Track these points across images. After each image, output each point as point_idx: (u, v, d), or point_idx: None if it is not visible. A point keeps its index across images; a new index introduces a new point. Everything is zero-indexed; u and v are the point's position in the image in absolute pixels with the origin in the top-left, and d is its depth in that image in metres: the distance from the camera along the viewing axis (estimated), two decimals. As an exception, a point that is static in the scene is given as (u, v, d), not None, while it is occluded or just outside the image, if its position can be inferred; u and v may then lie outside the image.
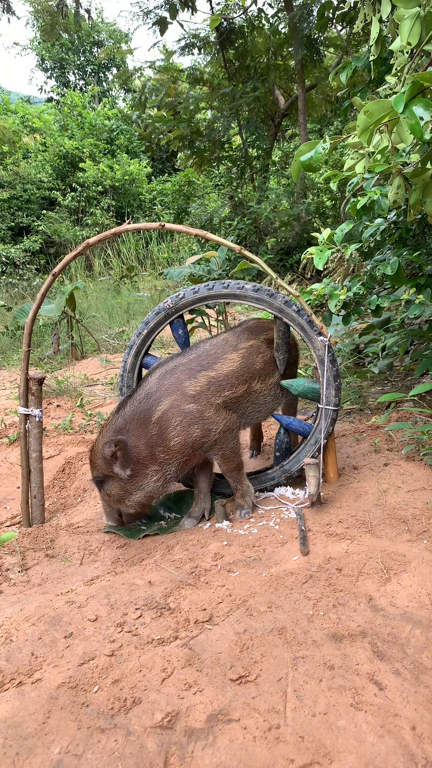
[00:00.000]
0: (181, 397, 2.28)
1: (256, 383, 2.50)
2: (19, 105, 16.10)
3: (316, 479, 2.33)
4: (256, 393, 2.52)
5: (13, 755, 1.27)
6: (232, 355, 2.46)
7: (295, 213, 9.03)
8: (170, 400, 2.28)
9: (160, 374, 2.37)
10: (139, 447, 2.26)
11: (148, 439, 2.25)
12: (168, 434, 2.25)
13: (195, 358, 2.42)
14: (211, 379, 2.35)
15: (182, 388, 2.30)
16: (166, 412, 2.26)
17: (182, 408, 2.27)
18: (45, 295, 2.55)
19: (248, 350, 2.52)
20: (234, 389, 2.40)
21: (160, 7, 9.11)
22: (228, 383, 2.39)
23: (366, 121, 1.87)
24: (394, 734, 1.24)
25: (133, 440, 2.26)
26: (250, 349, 2.52)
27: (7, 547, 2.35)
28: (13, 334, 7.22)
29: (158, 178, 17.02)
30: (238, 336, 2.56)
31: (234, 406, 2.43)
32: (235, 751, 1.23)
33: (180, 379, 2.32)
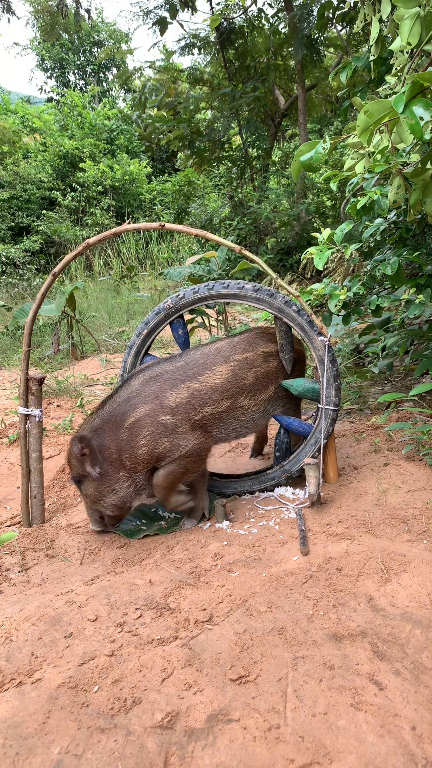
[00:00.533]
0: (159, 408, 2.23)
1: (243, 399, 2.41)
2: (19, 105, 16.09)
3: (316, 479, 2.33)
4: (243, 409, 2.43)
5: (13, 755, 1.27)
6: (221, 367, 2.37)
7: (295, 213, 9.03)
8: (147, 408, 2.23)
9: (143, 379, 2.31)
10: (110, 449, 2.23)
11: (119, 443, 2.23)
12: (136, 442, 2.21)
13: (181, 367, 2.34)
14: (193, 392, 2.28)
15: (162, 398, 2.24)
16: (140, 420, 2.22)
17: (157, 419, 2.22)
18: (45, 295, 2.55)
19: (240, 363, 2.42)
20: (217, 404, 2.32)
21: (160, 7, 9.11)
22: (211, 398, 2.31)
23: (366, 121, 1.87)
24: (394, 734, 1.24)
25: (105, 441, 2.23)
26: (242, 363, 2.42)
27: (7, 547, 2.35)
28: (13, 334, 7.22)
29: (158, 178, 17.02)
30: (234, 346, 2.47)
31: (215, 422, 2.35)
32: (235, 751, 1.23)
33: (162, 388, 2.27)
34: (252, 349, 2.50)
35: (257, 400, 2.48)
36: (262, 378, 2.48)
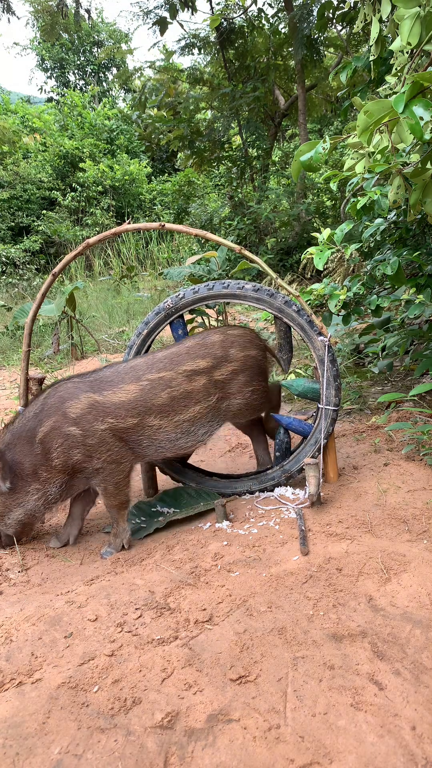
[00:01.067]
0: (62, 419, 2.21)
1: (153, 419, 2.30)
2: (19, 105, 16.09)
3: (316, 479, 2.33)
4: (154, 429, 2.31)
5: (13, 755, 1.27)
6: (129, 386, 2.29)
7: (295, 213, 9.03)
8: (52, 421, 2.21)
9: (48, 393, 2.30)
10: (24, 463, 2.23)
11: (33, 457, 2.23)
12: (50, 455, 2.21)
13: (91, 381, 2.31)
14: (94, 402, 2.23)
15: (63, 409, 2.22)
16: (48, 433, 2.21)
17: (63, 430, 2.20)
18: (45, 295, 2.55)
19: (153, 383, 2.32)
20: (122, 420, 2.25)
21: (160, 7, 9.11)
22: (114, 412, 2.24)
23: (366, 121, 1.87)
24: (394, 734, 1.24)
25: (18, 456, 2.23)
26: (156, 383, 2.32)
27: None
28: (13, 334, 7.22)
29: (158, 178, 17.02)
30: (152, 364, 2.37)
31: (126, 437, 2.28)
32: (235, 751, 1.23)
33: (62, 399, 2.24)
34: (172, 367, 2.37)
35: (173, 421, 2.34)
36: (182, 398, 2.34)
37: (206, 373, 2.40)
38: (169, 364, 2.38)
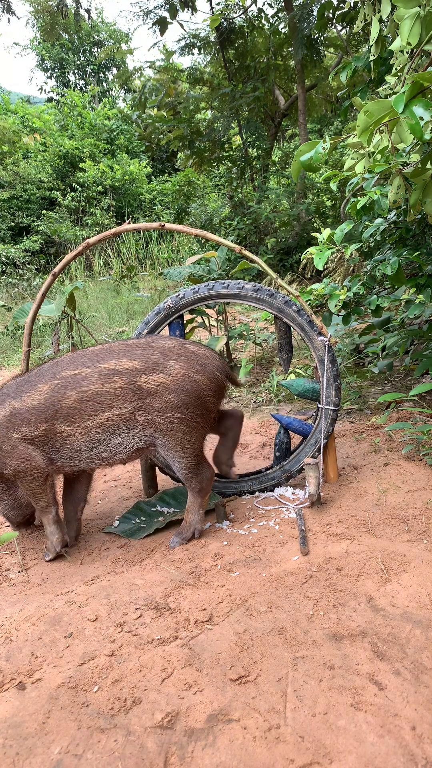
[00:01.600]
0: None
1: (60, 424, 2.06)
2: (19, 105, 16.08)
3: (316, 479, 2.33)
4: (64, 435, 2.08)
5: (13, 755, 1.27)
6: (43, 386, 2.09)
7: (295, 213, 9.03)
8: None
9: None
10: None
11: None
12: None
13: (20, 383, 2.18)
14: (13, 409, 2.10)
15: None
16: None
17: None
18: (45, 295, 2.55)
19: (64, 382, 2.07)
20: (32, 426, 2.07)
21: (160, 7, 9.10)
22: (26, 418, 2.07)
23: (366, 121, 1.87)
24: (394, 734, 1.24)
25: None
26: (67, 381, 2.07)
27: (7, 547, 2.35)
28: (13, 334, 7.22)
29: (158, 178, 17.01)
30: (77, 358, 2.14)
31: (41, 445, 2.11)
32: (235, 751, 1.23)
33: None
34: (92, 363, 2.09)
35: (80, 427, 2.06)
36: (91, 400, 2.04)
37: (128, 376, 2.07)
38: (93, 359, 2.10)
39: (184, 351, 2.16)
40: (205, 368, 2.15)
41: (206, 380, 2.13)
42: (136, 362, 2.09)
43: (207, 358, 2.19)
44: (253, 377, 4.66)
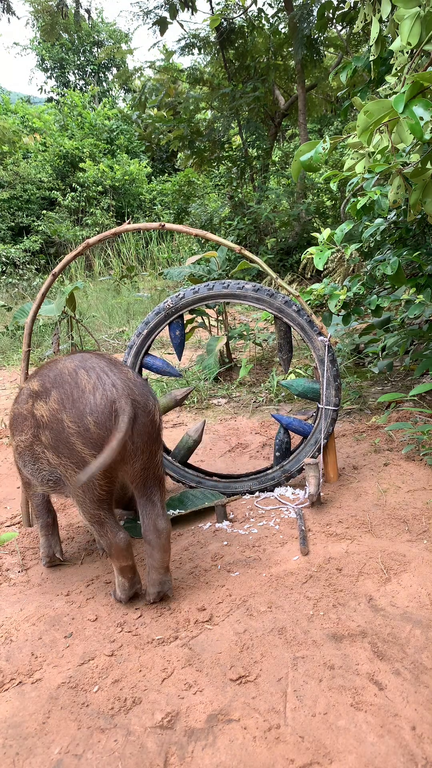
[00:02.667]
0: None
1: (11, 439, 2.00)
2: (19, 105, 16.08)
3: (316, 479, 2.33)
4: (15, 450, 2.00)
5: (13, 755, 1.27)
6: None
7: (295, 213, 9.03)
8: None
9: None
10: None
11: None
12: None
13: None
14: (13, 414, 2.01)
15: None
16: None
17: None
18: (45, 295, 2.55)
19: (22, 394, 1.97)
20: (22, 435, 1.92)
21: (160, 7, 9.11)
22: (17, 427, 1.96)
23: (366, 121, 1.87)
24: (394, 734, 1.24)
25: None
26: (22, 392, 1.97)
27: (7, 547, 2.35)
28: (13, 334, 7.22)
29: (158, 178, 17.00)
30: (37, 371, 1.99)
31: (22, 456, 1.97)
32: (235, 751, 1.23)
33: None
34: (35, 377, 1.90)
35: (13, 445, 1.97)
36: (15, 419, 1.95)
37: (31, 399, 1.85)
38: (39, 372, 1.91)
39: (70, 378, 1.71)
40: (74, 405, 1.65)
41: (71, 423, 1.64)
42: (38, 384, 1.84)
43: (88, 391, 1.64)
44: (253, 377, 4.66)
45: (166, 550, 1.75)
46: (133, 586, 1.82)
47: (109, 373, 1.69)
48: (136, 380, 1.75)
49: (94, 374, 1.68)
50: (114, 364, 1.78)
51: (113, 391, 1.63)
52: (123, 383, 1.67)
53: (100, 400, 1.62)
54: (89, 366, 1.72)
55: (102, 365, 1.72)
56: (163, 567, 1.77)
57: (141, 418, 1.67)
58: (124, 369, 1.77)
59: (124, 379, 1.69)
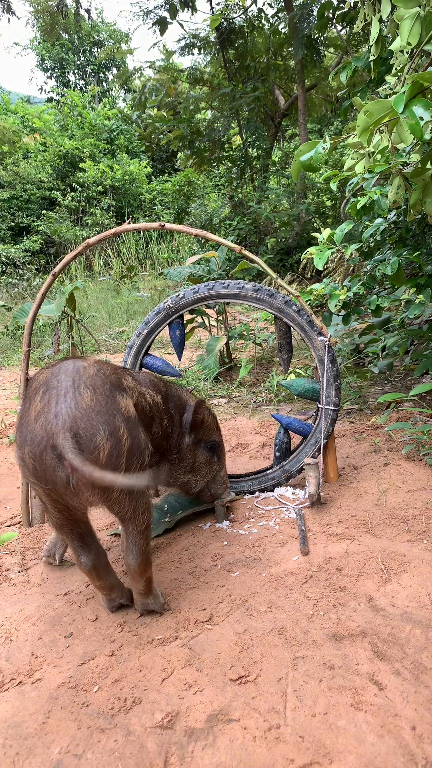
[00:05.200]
0: None
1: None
2: (19, 105, 16.08)
3: (316, 479, 2.33)
4: None
5: (13, 755, 1.27)
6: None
7: (295, 213, 9.04)
8: None
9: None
10: None
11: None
12: None
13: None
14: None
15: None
16: None
17: None
18: (45, 295, 2.55)
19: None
20: None
21: (160, 7, 9.11)
22: None
23: (366, 121, 1.87)
24: (394, 734, 1.24)
25: None
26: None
27: (7, 547, 2.35)
28: (13, 334, 7.22)
29: (158, 178, 17.01)
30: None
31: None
32: (235, 751, 1.23)
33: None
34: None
35: None
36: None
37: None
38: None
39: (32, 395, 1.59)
40: (20, 431, 1.56)
41: (17, 447, 1.57)
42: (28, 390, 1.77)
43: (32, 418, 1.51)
44: (253, 377, 4.66)
45: (137, 581, 1.71)
46: (113, 601, 1.79)
47: (63, 396, 1.50)
48: (91, 407, 1.49)
49: (47, 396, 1.52)
50: (79, 382, 1.55)
51: (53, 423, 1.45)
52: (69, 412, 1.46)
53: (39, 431, 1.47)
54: (52, 384, 1.56)
55: (65, 384, 1.53)
56: (140, 593, 1.75)
57: (87, 453, 1.46)
58: (84, 391, 1.52)
59: (74, 407, 1.48)
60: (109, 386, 1.60)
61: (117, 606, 1.81)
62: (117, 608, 1.81)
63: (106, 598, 1.79)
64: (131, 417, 1.60)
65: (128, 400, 1.65)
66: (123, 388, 1.68)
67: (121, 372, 1.81)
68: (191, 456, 2.29)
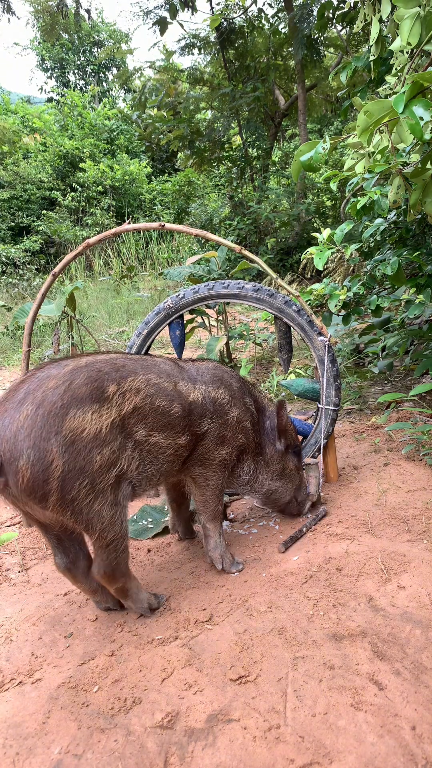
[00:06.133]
0: None
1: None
2: (19, 105, 16.09)
3: (317, 479, 2.32)
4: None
5: (13, 755, 1.27)
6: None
7: (295, 213, 9.04)
8: None
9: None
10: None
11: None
12: None
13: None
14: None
15: None
16: None
17: None
18: (45, 295, 2.55)
19: None
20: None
21: (160, 7, 9.11)
22: None
23: (366, 121, 1.87)
24: (394, 734, 1.24)
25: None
26: None
27: (7, 547, 2.35)
28: (13, 334, 7.23)
29: (158, 178, 17.01)
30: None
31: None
32: (235, 751, 1.23)
33: None
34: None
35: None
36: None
37: None
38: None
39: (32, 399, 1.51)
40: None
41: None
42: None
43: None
44: (253, 377, 4.66)
45: (107, 588, 1.69)
46: (99, 603, 1.80)
47: (9, 409, 1.47)
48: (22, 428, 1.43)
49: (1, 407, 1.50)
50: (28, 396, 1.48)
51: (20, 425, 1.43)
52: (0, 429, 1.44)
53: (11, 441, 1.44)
54: (10, 393, 1.53)
55: (18, 397, 1.49)
56: (115, 600, 1.78)
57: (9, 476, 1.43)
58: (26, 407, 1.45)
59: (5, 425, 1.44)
60: (65, 401, 1.48)
61: (104, 608, 1.81)
62: (105, 609, 1.82)
63: (92, 599, 1.81)
64: (80, 438, 1.47)
65: (88, 417, 1.50)
66: (98, 399, 1.54)
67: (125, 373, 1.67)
68: (280, 462, 2.19)
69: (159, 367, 1.82)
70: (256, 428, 2.11)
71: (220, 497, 2.00)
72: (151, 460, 1.72)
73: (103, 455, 1.53)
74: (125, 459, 1.60)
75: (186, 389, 1.85)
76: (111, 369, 1.65)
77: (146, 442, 1.69)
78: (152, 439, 1.71)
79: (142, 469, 1.69)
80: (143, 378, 1.72)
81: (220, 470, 1.97)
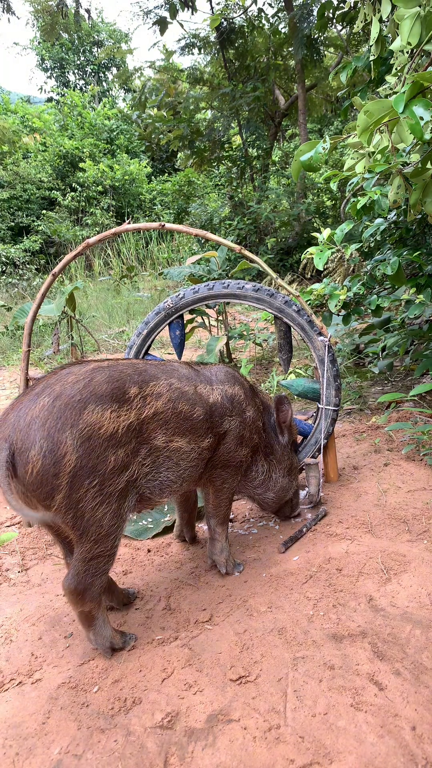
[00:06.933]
0: None
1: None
2: (19, 105, 16.09)
3: (317, 479, 2.33)
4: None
5: (13, 755, 1.27)
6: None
7: (295, 213, 9.04)
8: None
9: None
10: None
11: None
12: None
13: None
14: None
15: None
16: None
17: None
18: (45, 295, 2.55)
19: None
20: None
21: (160, 7, 9.12)
22: None
23: (366, 121, 1.87)
24: (394, 734, 1.24)
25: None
26: None
27: (7, 547, 2.35)
28: (13, 334, 7.23)
29: (158, 178, 17.01)
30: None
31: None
32: (235, 751, 1.23)
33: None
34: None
35: None
36: None
37: None
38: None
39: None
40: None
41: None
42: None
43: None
44: (253, 377, 4.66)
45: (72, 607, 1.56)
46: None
47: (26, 401, 1.45)
48: (37, 418, 1.40)
49: (19, 400, 1.48)
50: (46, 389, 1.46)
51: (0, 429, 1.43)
52: (16, 421, 1.42)
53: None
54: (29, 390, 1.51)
55: (37, 389, 1.48)
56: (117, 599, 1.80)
57: (19, 467, 1.38)
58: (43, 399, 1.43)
59: (21, 415, 1.42)
60: (84, 396, 1.45)
61: (107, 607, 1.79)
62: (108, 608, 1.80)
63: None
64: (96, 435, 1.43)
65: (107, 415, 1.47)
66: (118, 399, 1.51)
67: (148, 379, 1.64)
68: (288, 458, 2.16)
69: (179, 372, 1.80)
70: (265, 427, 2.12)
71: (231, 501, 2.01)
72: (171, 466, 1.67)
73: (118, 457, 1.48)
74: (136, 465, 1.56)
75: (206, 391, 1.84)
76: (133, 372, 1.63)
77: (166, 448, 1.64)
78: (173, 445, 1.66)
79: (152, 477, 1.64)
80: (165, 383, 1.69)
81: (237, 472, 1.97)
